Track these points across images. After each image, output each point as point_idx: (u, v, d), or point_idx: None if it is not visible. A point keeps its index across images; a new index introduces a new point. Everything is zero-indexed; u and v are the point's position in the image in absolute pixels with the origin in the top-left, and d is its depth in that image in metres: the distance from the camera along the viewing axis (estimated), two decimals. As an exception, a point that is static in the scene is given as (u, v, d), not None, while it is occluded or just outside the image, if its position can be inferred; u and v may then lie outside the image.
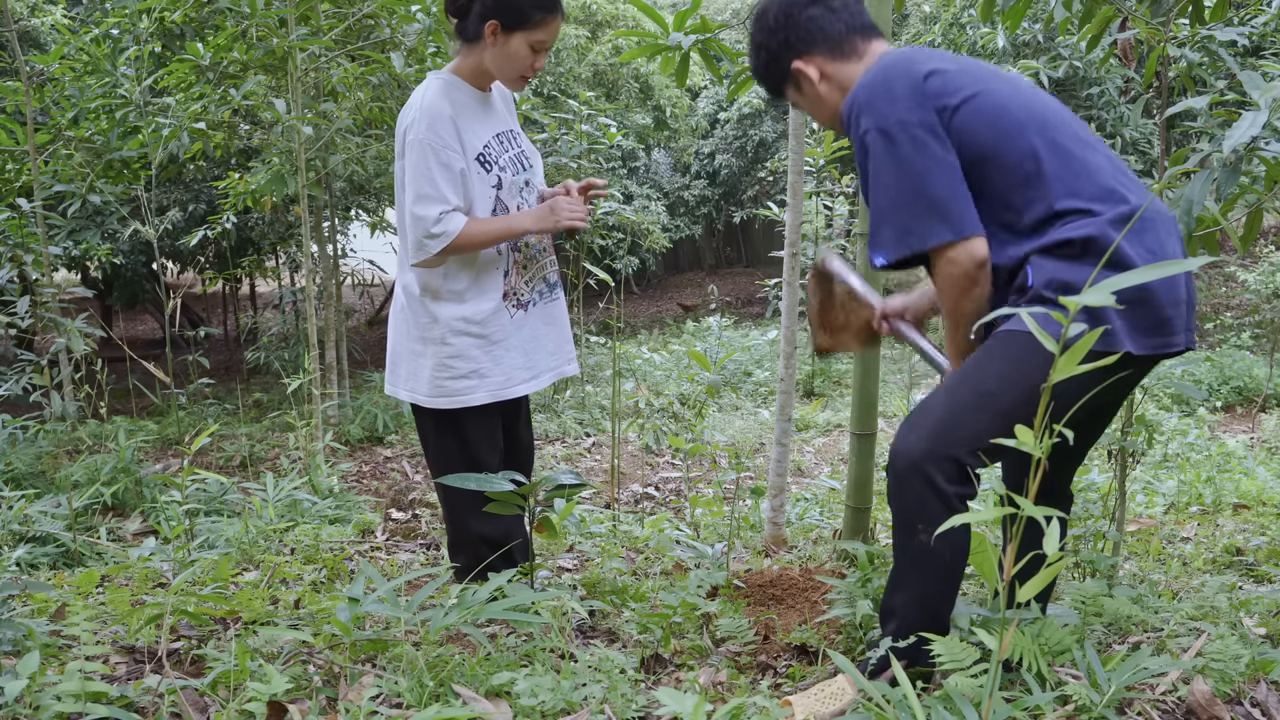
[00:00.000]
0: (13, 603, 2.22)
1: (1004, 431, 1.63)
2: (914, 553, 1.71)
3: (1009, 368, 1.67)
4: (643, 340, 11.09)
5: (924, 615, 1.75)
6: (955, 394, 1.71)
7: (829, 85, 1.90)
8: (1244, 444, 5.50)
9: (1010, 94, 1.76)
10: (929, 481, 1.65)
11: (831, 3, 1.90)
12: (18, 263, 5.03)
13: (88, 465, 4.07)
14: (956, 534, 1.68)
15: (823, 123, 2.01)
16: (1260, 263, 9.00)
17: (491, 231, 2.31)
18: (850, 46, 1.89)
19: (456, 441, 2.43)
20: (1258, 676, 1.84)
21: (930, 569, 1.72)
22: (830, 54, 1.89)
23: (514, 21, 2.25)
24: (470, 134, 2.30)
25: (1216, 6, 2.60)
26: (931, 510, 1.65)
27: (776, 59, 1.93)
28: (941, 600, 1.75)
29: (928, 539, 1.66)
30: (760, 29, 1.95)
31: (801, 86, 1.94)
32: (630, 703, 1.74)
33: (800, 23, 1.89)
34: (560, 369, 2.54)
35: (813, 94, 1.93)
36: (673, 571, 2.79)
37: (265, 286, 15.23)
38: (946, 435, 1.66)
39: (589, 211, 2.42)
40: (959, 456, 1.65)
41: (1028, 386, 1.64)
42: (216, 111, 5.17)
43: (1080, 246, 1.65)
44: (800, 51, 1.90)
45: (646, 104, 12.89)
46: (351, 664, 1.92)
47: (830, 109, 1.93)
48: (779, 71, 1.95)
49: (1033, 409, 1.63)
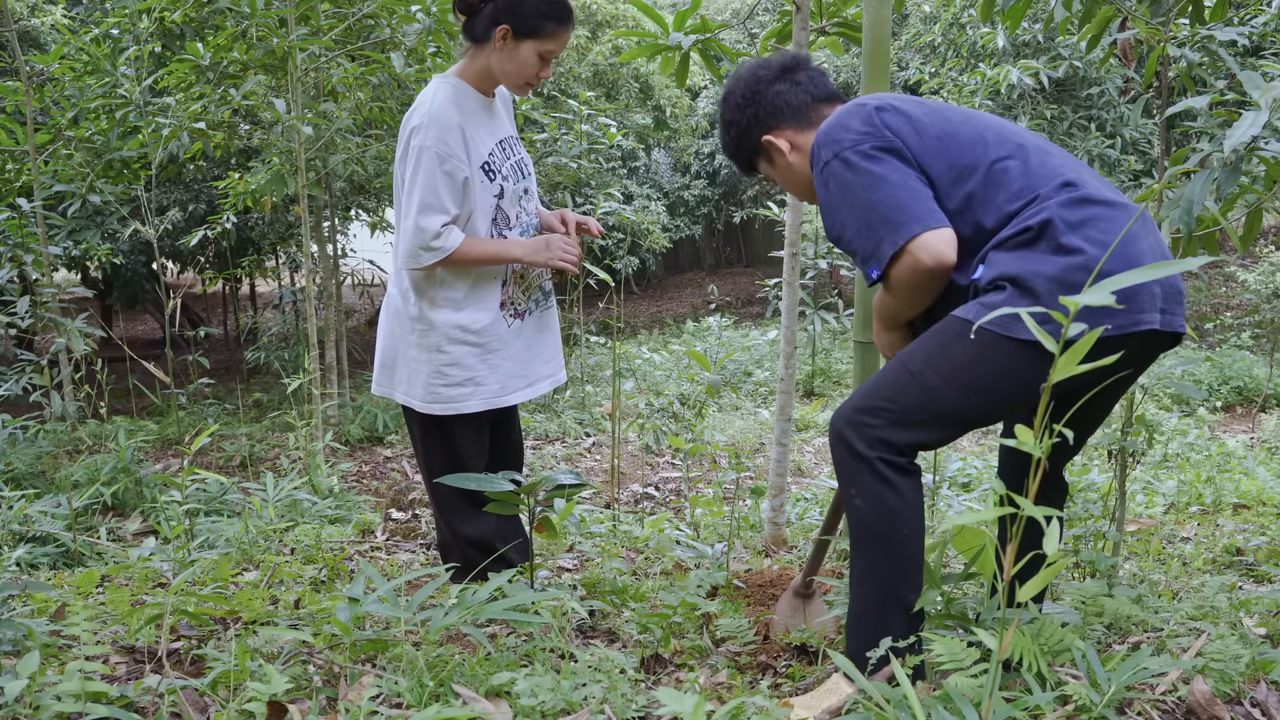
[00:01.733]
0: (13, 603, 2.22)
1: (926, 410, 1.71)
2: (856, 523, 1.75)
3: (935, 349, 1.71)
4: (643, 340, 11.08)
5: (880, 595, 1.75)
6: (886, 370, 1.78)
7: (799, 155, 1.97)
8: (1244, 444, 5.50)
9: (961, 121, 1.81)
10: (849, 447, 1.73)
11: (796, 76, 1.98)
12: (18, 263, 5.03)
13: (88, 465, 4.07)
14: (892, 503, 1.71)
15: (795, 193, 2.07)
16: (1260, 263, 9.00)
17: (484, 253, 2.31)
18: (816, 115, 1.96)
19: (443, 445, 2.44)
20: (1258, 676, 1.84)
21: (871, 538, 1.74)
22: (797, 125, 1.97)
23: (526, 29, 2.24)
24: (476, 142, 2.28)
25: (1216, 6, 2.60)
26: (860, 477, 1.72)
27: (746, 134, 2.01)
28: (895, 577, 1.74)
29: (862, 506, 1.72)
30: (729, 107, 2.03)
31: (773, 159, 2.01)
32: (630, 703, 1.74)
33: (767, 98, 1.97)
34: (554, 377, 2.54)
35: (784, 164, 2.00)
36: (673, 571, 2.79)
37: (265, 286, 15.23)
38: (867, 405, 1.73)
39: (579, 255, 2.44)
40: (878, 427, 1.71)
41: (953, 369, 1.69)
42: (216, 111, 5.17)
43: (1035, 231, 1.66)
44: (769, 126, 1.98)
45: (646, 104, 12.89)
46: (351, 664, 1.92)
47: (801, 177, 1.99)
48: (750, 146, 2.02)
49: (961, 390, 1.69)
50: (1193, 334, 2.14)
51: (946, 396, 1.69)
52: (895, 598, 1.75)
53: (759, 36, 3.26)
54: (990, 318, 1.57)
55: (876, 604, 1.76)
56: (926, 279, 1.71)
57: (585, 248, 2.54)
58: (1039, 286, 1.61)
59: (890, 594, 1.75)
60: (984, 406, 1.72)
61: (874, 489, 1.70)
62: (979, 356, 1.66)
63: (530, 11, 2.23)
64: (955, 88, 10.71)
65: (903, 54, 13.23)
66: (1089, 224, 1.66)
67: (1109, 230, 1.66)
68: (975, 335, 1.64)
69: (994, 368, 1.66)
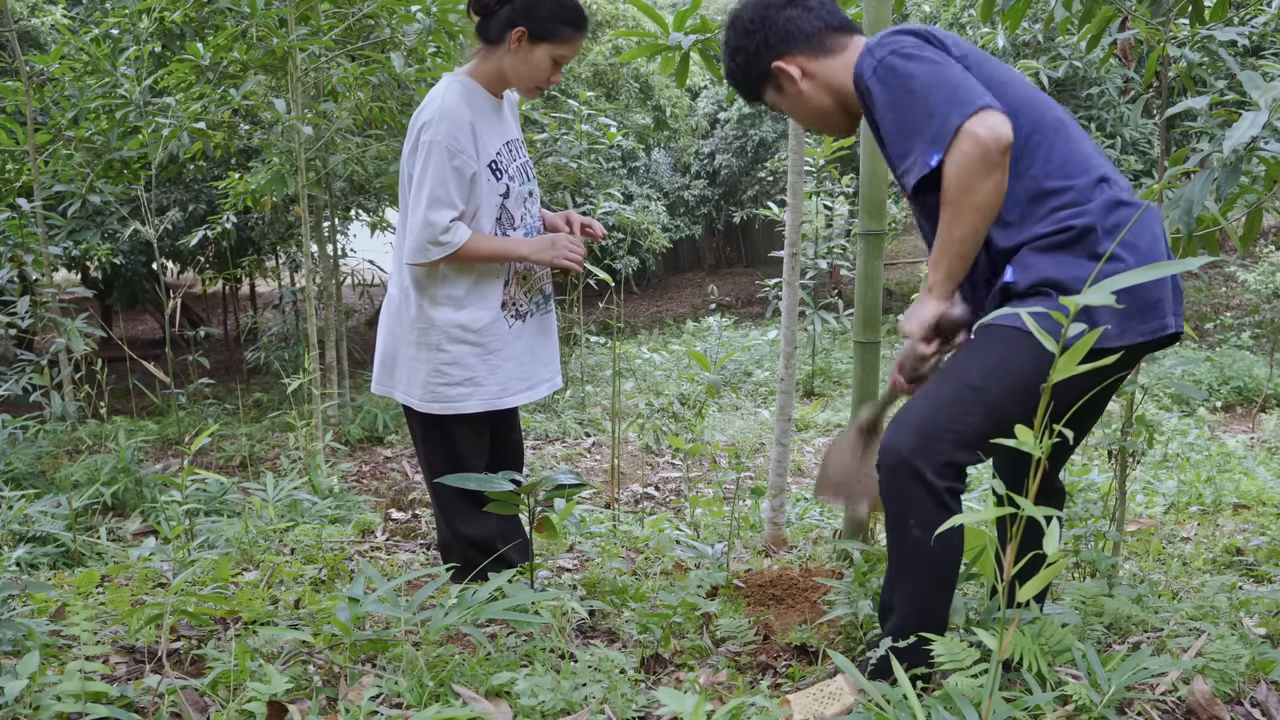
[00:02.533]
0: (13, 603, 2.22)
1: (991, 425, 1.65)
2: (907, 549, 1.71)
3: (994, 362, 1.67)
4: (643, 340, 11.09)
5: (920, 612, 1.74)
6: (942, 389, 1.71)
7: (811, 83, 1.89)
8: (1244, 444, 5.50)
9: (1007, 76, 1.77)
10: (918, 476, 1.65)
11: (808, 2, 1.89)
12: (18, 263, 5.03)
13: (88, 465, 4.07)
14: (949, 531, 1.68)
15: (805, 121, 1.99)
16: (1260, 263, 9.00)
17: (490, 250, 2.32)
18: (831, 42, 1.88)
19: (443, 446, 2.44)
20: (1258, 676, 1.84)
21: (924, 566, 1.71)
22: (810, 52, 1.88)
23: (542, 33, 2.26)
24: (485, 140, 2.30)
25: (1216, 6, 2.60)
26: (922, 506, 1.66)
27: (755, 60, 1.91)
28: (937, 597, 1.74)
29: (920, 535, 1.66)
30: (736, 32, 1.93)
31: (783, 86, 1.92)
32: (630, 703, 1.74)
33: (778, 23, 1.88)
34: (552, 381, 2.55)
35: (794, 93, 1.91)
36: (673, 571, 2.79)
37: (265, 286, 15.23)
38: (934, 430, 1.66)
39: (583, 254, 2.45)
40: (946, 451, 1.65)
41: (1014, 381, 1.64)
42: (216, 111, 5.17)
43: (1076, 234, 1.65)
44: (780, 51, 1.89)
45: (646, 104, 12.89)
46: (351, 664, 1.92)
47: (814, 106, 1.91)
48: (758, 73, 1.93)
49: (1019, 402, 1.64)
50: (1193, 334, 2.13)
51: (1008, 410, 1.64)
52: (938, 615, 1.74)
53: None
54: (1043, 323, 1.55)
55: (918, 623, 1.74)
56: (980, 161, 1.59)
57: (586, 248, 2.55)
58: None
59: (934, 612, 1.74)
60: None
61: (935, 517, 1.63)
62: (1037, 362, 1.61)
63: (547, 16, 2.25)
64: (955, 88, 10.72)
65: (903, 54, 13.21)
66: (1120, 229, 1.66)
67: (1138, 233, 1.67)
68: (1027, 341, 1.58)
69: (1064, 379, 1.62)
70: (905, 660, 1.72)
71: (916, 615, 1.74)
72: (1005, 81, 1.74)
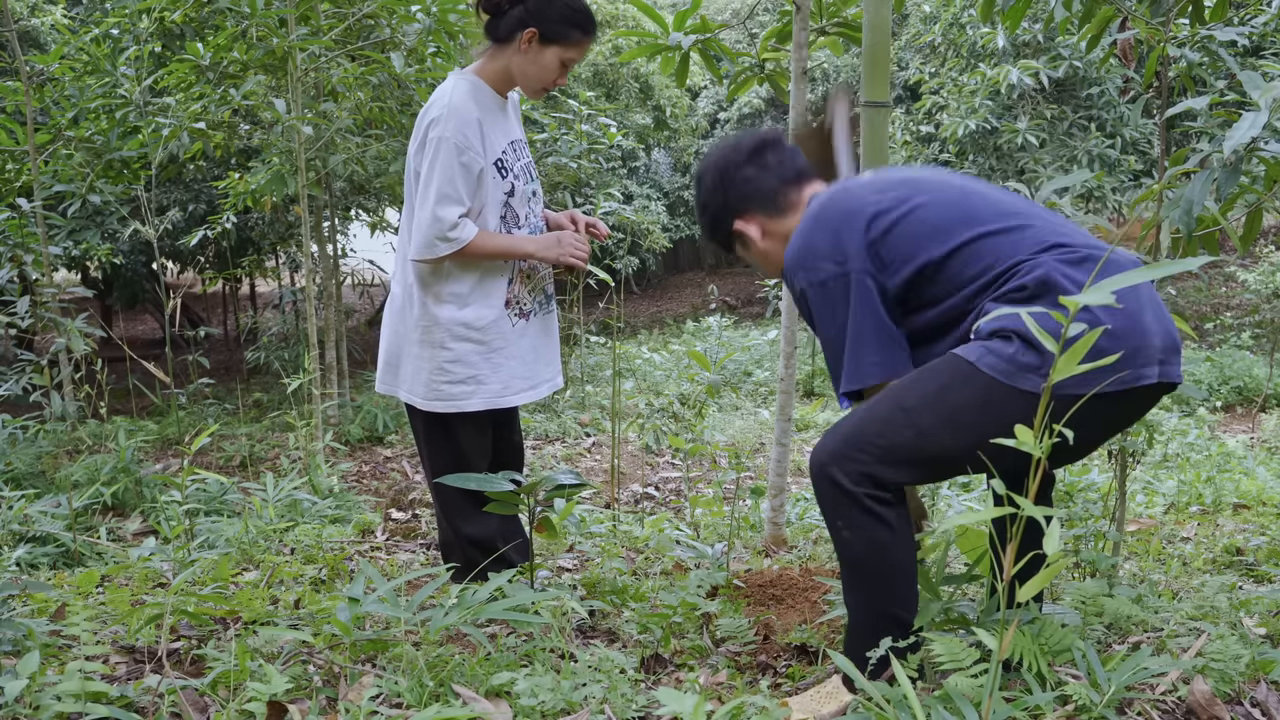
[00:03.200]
0: (13, 603, 2.22)
1: (917, 450, 1.67)
2: (843, 551, 1.74)
3: (934, 390, 1.67)
4: (643, 340, 11.08)
5: (874, 614, 1.76)
6: (876, 406, 1.72)
7: (770, 241, 1.97)
8: (1244, 444, 5.50)
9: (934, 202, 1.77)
10: (834, 482, 1.69)
11: (765, 159, 1.96)
12: (18, 263, 5.03)
13: (88, 465, 4.07)
14: (878, 534, 1.69)
15: (771, 275, 2.07)
16: (1260, 263, 8.99)
17: (496, 247, 2.33)
18: (785, 200, 1.95)
19: (446, 444, 2.44)
20: (1258, 676, 1.84)
21: (858, 566, 1.74)
22: (767, 211, 1.96)
23: (553, 35, 2.27)
24: (491, 138, 2.31)
25: (1216, 6, 2.60)
26: (844, 509, 1.69)
27: (719, 220, 2.00)
28: (888, 599, 1.75)
29: (849, 536, 1.70)
30: (701, 191, 2.03)
31: (747, 244, 2.00)
32: (630, 703, 1.74)
33: (736, 183, 1.96)
34: (553, 381, 2.56)
35: (757, 250, 1.99)
36: (673, 571, 2.79)
37: (265, 286, 15.23)
38: (856, 441, 1.69)
39: (589, 252, 2.46)
40: (865, 463, 1.67)
41: (948, 412, 1.65)
42: (216, 111, 5.17)
43: (1034, 288, 1.63)
44: (739, 211, 1.97)
45: (646, 104, 12.89)
46: (351, 664, 1.92)
47: (775, 263, 1.98)
48: (724, 230, 2.01)
49: (951, 433, 1.65)
50: (1193, 334, 2.12)
51: (939, 439, 1.66)
52: (891, 617, 1.75)
53: (759, 36, 3.26)
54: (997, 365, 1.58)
55: (871, 625, 1.75)
56: None
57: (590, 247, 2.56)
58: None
59: (886, 614, 1.75)
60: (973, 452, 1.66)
61: (862, 522, 1.68)
62: (981, 403, 1.62)
63: (558, 18, 2.26)
64: (955, 88, 10.71)
65: (903, 54, 13.22)
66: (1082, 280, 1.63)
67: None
68: (978, 381, 1.61)
69: (993, 416, 1.60)
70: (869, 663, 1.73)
71: (870, 618, 1.76)
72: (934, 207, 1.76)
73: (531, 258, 2.37)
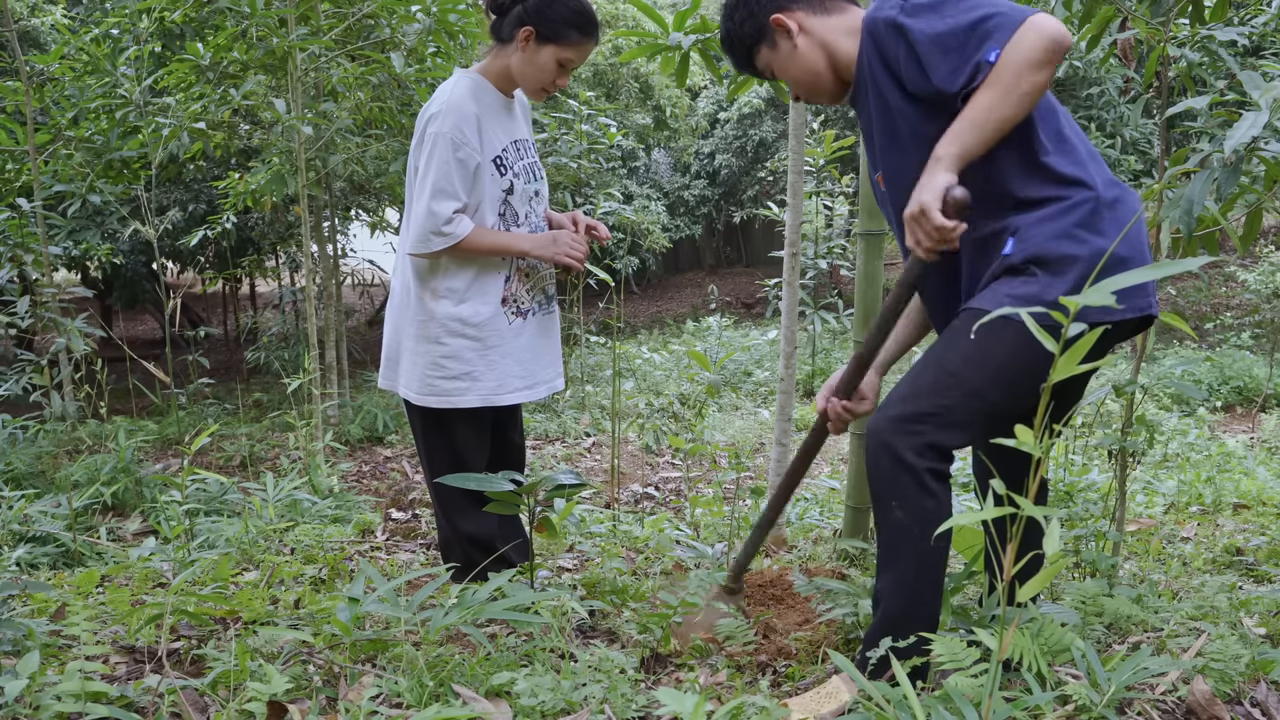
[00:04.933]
0: (13, 603, 2.22)
1: (970, 411, 1.68)
2: (891, 533, 1.72)
3: (974, 350, 1.67)
4: (643, 340, 11.08)
5: (907, 599, 1.74)
6: (922, 374, 1.72)
7: (807, 39, 1.87)
8: (1244, 444, 5.50)
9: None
10: (898, 458, 1.67)
11: None
12: (18, 263, 5.03)
13: (88, 465, 4.07)
14: (931, 513, 1.68)
15: (795, 83, 1.94)
16: (1260, 263, 9.00)
17: (493, 244, 2.33)
18: (830, 3, 1.88)
19: (443, 441, 2.45)
20: (1258, 676, 1.84)
21: (909, 550, 1.72)
22: (810, 8, 1.87)
23: (549, 34, 2.28)
24: (490, 135, 2.32)
25: (1216, 6, 2.60)
26: (903, 487, 1.68)
27: (753, 14, 1.90)
28: (924, 584, 1.73)
29: (903, 517, 1.68)
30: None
31: (777, 43, 1.90)
32: (630, 703, 1.74)
33: None
34: (553, 383, 2.56)
35: (788, 49, 1.89)
36: (673, 571, 2.79)
37: (265, 286, 15.23)
38: (911, 411, 1.68)
39: (586, 253, 2.45)
40: (926, 433, 1.67)
41: (994, 368, 1.66)
42: (216, 111, 5.16)
43: (1078, 206, 1.66)
44: (780, 4, 1.88)
45: (646, 104, 12.88)
46: (351, 664, 1.92)
47: (807, 66, 1.89)
48: (754, 29, 1.90)
49: (999, 387, 1.67)
50: (1193, 334, 2.13)
51: (989, 396, 1.67)
52: (925, 605, 1.74)
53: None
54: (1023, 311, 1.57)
55: (901, 614, 1.74)
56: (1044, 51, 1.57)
57: (588, 248, 2.56)
58: (1068, 271, 1.63)
59: (921, 602, 1.74)
60: (1028, 400, 1.67)
61: (916, 500, 1.67)
62: (1018, 351, 1.62)
63: (556, 18, 2.26)
64: (955, 88, 10.71)
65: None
66: (1118, 204, 1.69)
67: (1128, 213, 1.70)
68: (1010, 329, 1.60)
69: (1033, 359, 1.61)
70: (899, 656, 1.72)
71: (903, 603, 1.74)
72: None
73: (527, 255, 2.38)
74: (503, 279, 2.39)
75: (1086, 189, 1.68)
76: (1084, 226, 1.66)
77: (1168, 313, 1.39)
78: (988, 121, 1.61)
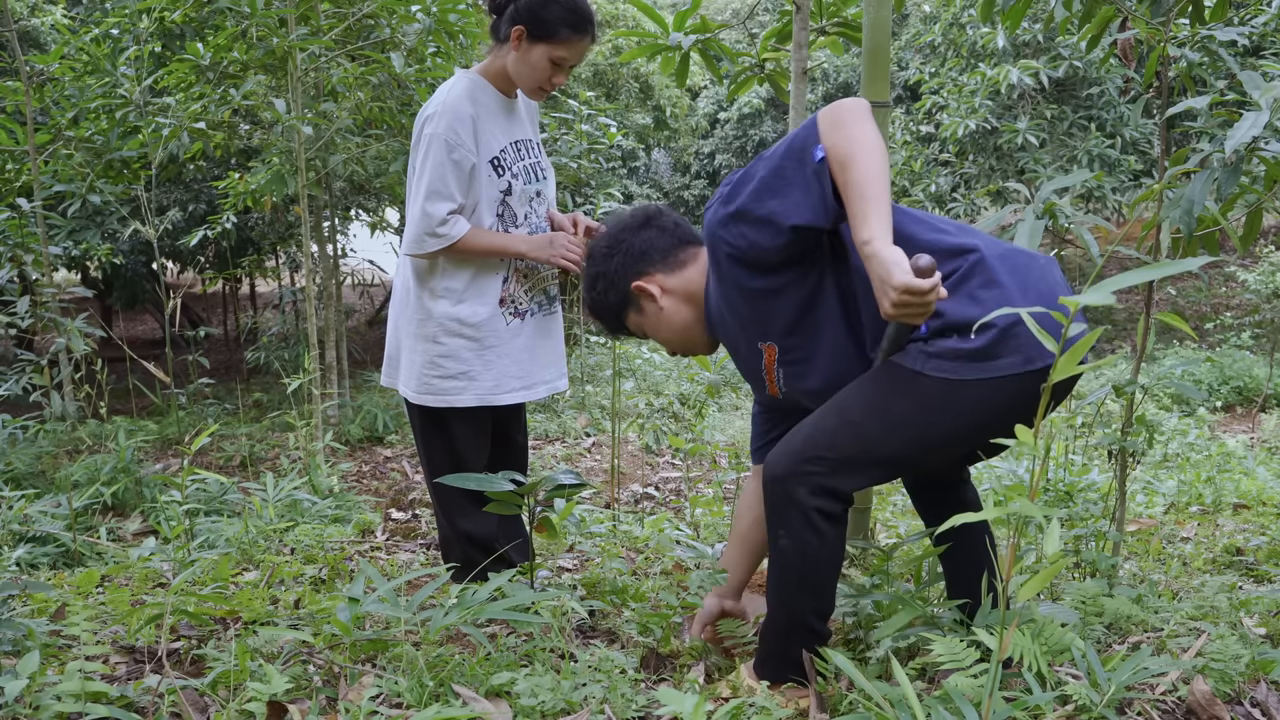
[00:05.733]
0: (13, 603, 2.22)
1: (868, 459, 1.72)
2: (775, 555, 1.78)
3: (876, 401, 1.71)
4: (642, 340, 11.07)
5: (789, 619, 1.81)
6: (824, 418, 1.75)
7: (671, 298, 1.95)
8: (1244, 444, 5.50)
9: None
10: (789, 495, 1.72)
11: (660, 222, 1.97)
12: (18, 263, 5.03)
13: (88, 465, 4.07)
14: (814, 549, 1.74)
15: (668, 341, 2.01)
16: (1260, 263, 9.00)
17: (489, 245, 2.34)
18: (683, 256, 1.95)
19: (441, 440, 2.45)
20: (1258, 676, 1.84)
21: (788, 572, 1.78)
22: (666, 269, 1.95)
23: (541, 33, 2.27)
24: (488, 135, 2.31)
25: (1216, 6, 2.60)
26: (790, 521, 1.73)
27: (614, 284, 1.98)
28: (805, 608, 1.80)
29: (786, 545, 1.75)
30: (594, 261, 2.01)
31: (643, 306, 1.98)
32: (630, 703, 1.74)
33: (635, 244, 1.96)
34: (553, 383, 2.55)
35: (654, 311, 1.97)
36: (673, 571, 2.79)
37: (265, 286, 15.23)
38: (809, 454, 1.72)
39: (584, 254, 2.44)
40: (819, 476, 1.71)
41: (893, 422, 1.70)
42: (216, 111, 5.16)
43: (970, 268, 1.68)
44: (638, 271, 1.96)
45: (646, 104, 12.89)
46: (351, 664, 1.92)
47: (676, 321, 1.97)
48: (618, 297, 1.98)
49: (897, 439, 1.70)
50: (1193, 334, 2.13)
51: (887, 445, 1.71)
52: (805, 626, 1.81)
53: (759, 36, 3.26)
54: (941, 366, 1.62)
55: (785, 628, 1.82)
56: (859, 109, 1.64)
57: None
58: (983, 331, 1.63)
59: (800, 622, 1.81)
60: (923, 454, 1.75)
61: (801, 534, 1.73)
62: (923, 407, 1.67)
63: (547, 16, 2.26)
64: (955, 88, 10.71)
65: (903, 54, 13.22)
66: (1010, 256, 1.71)
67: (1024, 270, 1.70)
68: (917, 385, 1.65)
69: (936, 416, 1.67)
70: (779, 664, 1.82)
71: (785, 622, 1.82)
72: None
73: (524, 256, 2.37)
74: (500, 280, 2.39)
75: (972, 251, 1.70)
76: (983, 286, 1.67)
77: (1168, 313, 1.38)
78: (872, 179, 1.58)
